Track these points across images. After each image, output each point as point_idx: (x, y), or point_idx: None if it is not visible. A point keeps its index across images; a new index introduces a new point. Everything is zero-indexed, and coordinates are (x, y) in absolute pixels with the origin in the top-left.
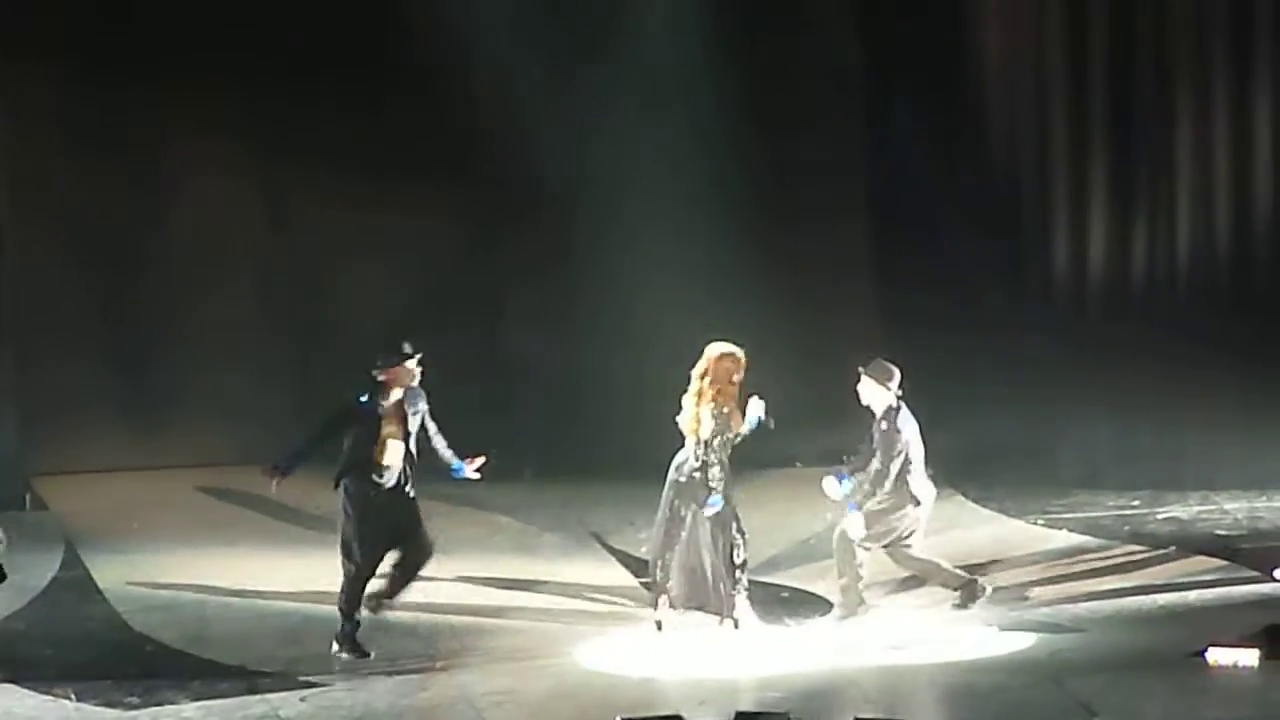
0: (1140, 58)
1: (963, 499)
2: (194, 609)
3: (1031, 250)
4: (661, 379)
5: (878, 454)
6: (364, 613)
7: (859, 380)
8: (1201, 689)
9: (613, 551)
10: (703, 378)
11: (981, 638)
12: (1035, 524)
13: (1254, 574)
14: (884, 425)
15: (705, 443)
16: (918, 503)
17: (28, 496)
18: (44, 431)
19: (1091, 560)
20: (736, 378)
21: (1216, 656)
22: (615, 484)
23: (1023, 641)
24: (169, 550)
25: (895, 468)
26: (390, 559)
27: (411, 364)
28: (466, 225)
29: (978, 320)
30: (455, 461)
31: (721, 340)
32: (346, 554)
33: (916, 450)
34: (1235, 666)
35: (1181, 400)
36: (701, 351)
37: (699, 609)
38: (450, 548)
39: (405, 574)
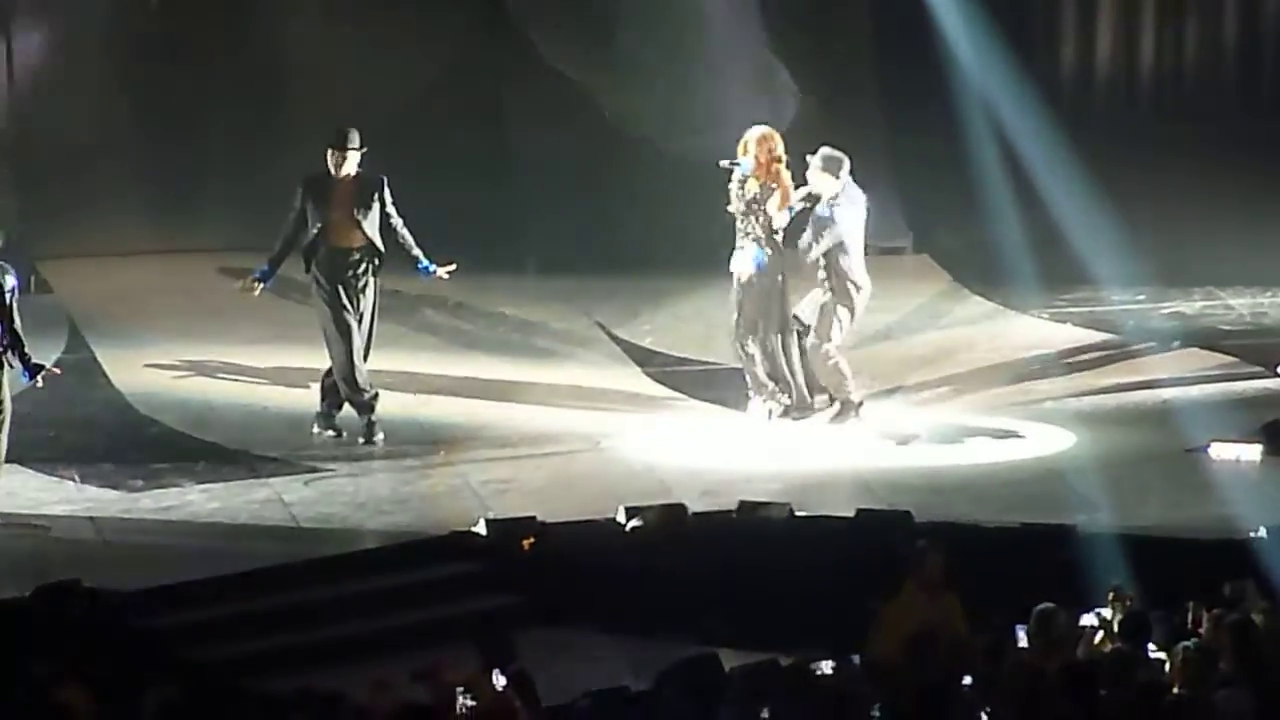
0: None
1: (967, 293)
2: (199, 394)
3: (1038, 47)
4: (668, 172)
5: (806, 232)
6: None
7: (807, 168)
8: (1204, 484)
9: (618, 342)
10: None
11: (986, 433)
12: (1040, 318)
13: (1257, 369)
14: (821, 211)
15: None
16: (858, 288)
17: (33, 280)
18: (50, 213)
19: (1096, 355)
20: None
21: (1219, 451)
22: (623, 278)
23: (1027, 436)
24: (172, 336)
25: (820, 249)
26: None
27: (354, 154)
28: (473, 17)
29: (982, 118)
30: (424, 259)
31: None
32: (325, 337)
33: (856, 238)
34: (1237, 461)
35: (1187, 196)
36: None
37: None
38: (453, 338)
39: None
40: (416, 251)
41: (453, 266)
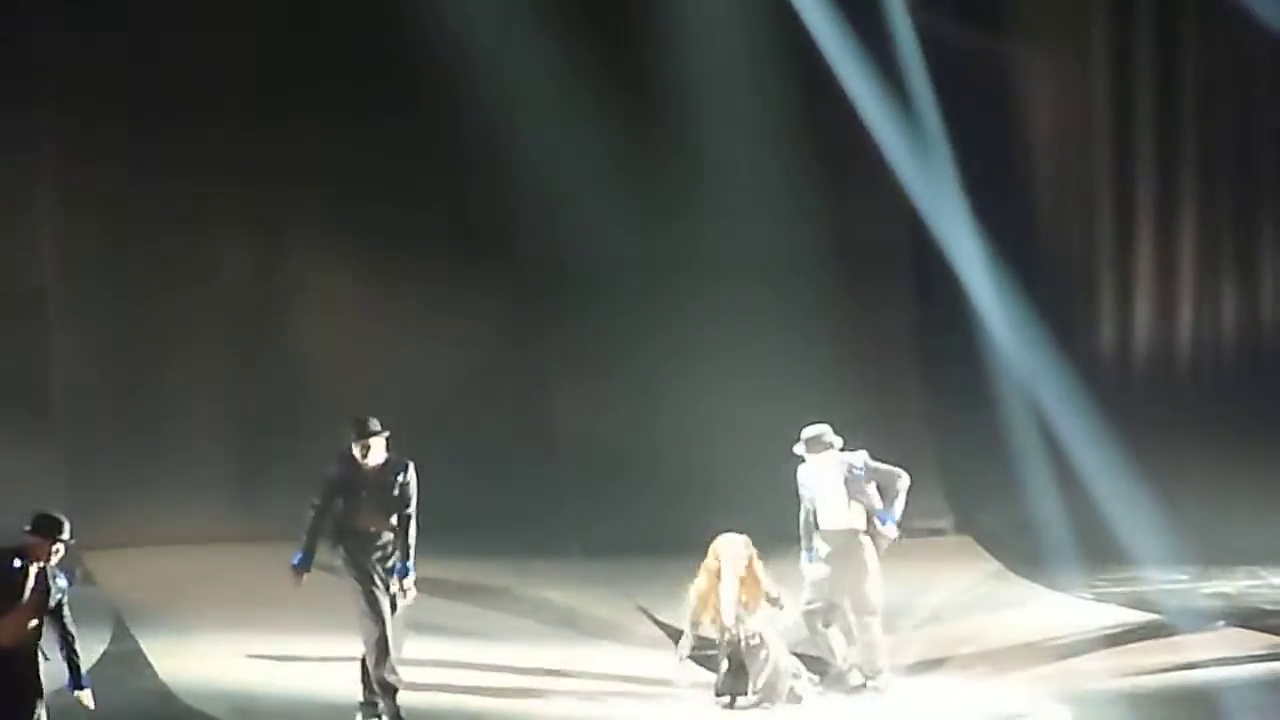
0: (1184, 134)
1: (1011, 574)
2: (243, 684)
3: (1078, 328)
4: (713, 454)
5: (877, 487)
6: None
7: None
8: None
9: (662, 627)
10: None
11: (1029, 715)
12: (1082, 599)
13: None
14: (852, 473)
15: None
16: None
17: (77, 571)
18: (91, 505)
19: (1139, 635)
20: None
21: None
22: (667, 560)
23: (1071, 716)
24: (218, 625)
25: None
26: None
27: (378, 440)
28: (516, 301)
29: (1024, 397)
30: (404, 563)
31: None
32: (359, 622)
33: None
34: None
35: (1227, 475)
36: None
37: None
38: (495, 626)
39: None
40: (407, 550)
41: (413, 592)
